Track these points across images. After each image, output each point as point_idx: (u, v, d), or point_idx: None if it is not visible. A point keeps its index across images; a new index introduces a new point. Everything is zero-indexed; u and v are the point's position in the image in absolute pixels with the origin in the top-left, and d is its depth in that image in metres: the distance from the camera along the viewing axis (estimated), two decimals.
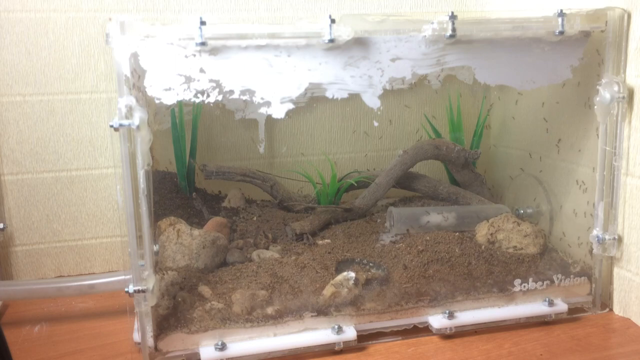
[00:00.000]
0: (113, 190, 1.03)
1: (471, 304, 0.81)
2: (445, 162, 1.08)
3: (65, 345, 0.78)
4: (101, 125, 1.00)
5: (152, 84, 0.69)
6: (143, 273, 0.69)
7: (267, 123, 1.06)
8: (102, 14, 0.98)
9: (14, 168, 0.98)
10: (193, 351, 0.73)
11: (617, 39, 0.81)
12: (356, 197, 1.04)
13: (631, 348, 0.76)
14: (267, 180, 1.03)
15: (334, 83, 0.75)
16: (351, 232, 0.97)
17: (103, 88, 1.00)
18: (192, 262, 0.84)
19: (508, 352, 0.75)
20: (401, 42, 0.76)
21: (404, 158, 1.02)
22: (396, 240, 0.93)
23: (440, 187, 1.06)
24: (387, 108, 1.12)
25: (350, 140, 1.12)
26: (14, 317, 0.88)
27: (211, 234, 0.87)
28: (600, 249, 0.84)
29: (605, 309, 0.86)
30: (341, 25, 0.72)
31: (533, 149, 1.03)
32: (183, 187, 1.01)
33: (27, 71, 0.96)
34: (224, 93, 0.72)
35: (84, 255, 1.04)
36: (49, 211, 1.01)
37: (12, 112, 0.96)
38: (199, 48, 0.70)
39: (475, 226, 0.95)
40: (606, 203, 0.83)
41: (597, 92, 0.81)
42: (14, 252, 1.00)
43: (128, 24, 0.68)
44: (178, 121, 0.97)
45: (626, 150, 0.81)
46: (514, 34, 0.78)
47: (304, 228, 0.96)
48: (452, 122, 1.09)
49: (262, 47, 0.72)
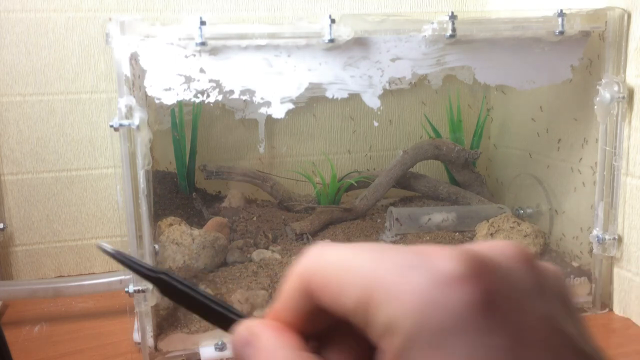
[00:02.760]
0: (113, 190, 1.03)
1: None
2: (445, 162, 1.08)
3: (65, 345, 0.78)
4: (101, 125, 1.00)
5: (152, 84, 0.69)
6: None
7: (267, 123, 1.06)
8: (102, 14, 0.97)
9: (14, 168, 0.98)
10: (193, 351, 0.73)
11: (617, 39, 0.80)
12: (356, 197, 1.04)
13: (631, 348, 0.76)
14: (267, 180, 1.03)
15: (334, 83, 0.75)
16: (351, 232, 0.97)
17: (103, 88, 1.00)
18: (192, 262, 0.84)
19: None
20: (401, 42, 0.76)
21: (404, 158, 1.02)
22: (396, 240, 0.93)
23: (440, 187, 1.06)
24: (386, 108, 1.12)
25: (351, 140, 1.12)
26: (14, 317, 0.88)
27: (211, 234, 0.87)
28: (600, 249, 0.84)
29: (605, 309, 0.86)
30: (341, 25, 0.72)
31: (533, 149, 1.03)
32: (183, 187, 1.01)
33: (27, 71, 0.96)
34: (224, 93, 0.72)
35: (84, 255, 1.04)
36: (49, 211, 1.01)
37: (12, 112, 0.96)
38: (199, 48, 0.70)
39: (475, 226, 0.95)
40: (606, 203, 0.83)
41: (597, 92, 0.81)
42: (14, 252, 1.00)
43: (128, 24, 0.68)
44: (178, 121, 0.97)
45: (626, 150, 0.81)
46: (514, 34, 0.78)
47: (304, 228, 0.96)
48: (452, 122, 1.09)
49: (262, 47, 0.72)
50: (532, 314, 0.20)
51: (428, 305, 0.19)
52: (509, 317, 0.19)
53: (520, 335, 0.19)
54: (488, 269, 0.20)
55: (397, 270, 0.20)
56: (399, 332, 0.19)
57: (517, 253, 0.22)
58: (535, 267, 0.21)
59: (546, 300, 0.21)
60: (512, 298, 0.20)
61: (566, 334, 0.20)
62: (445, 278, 0.19)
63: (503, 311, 0.19)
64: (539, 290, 0.21)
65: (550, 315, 0.20)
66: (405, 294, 0.19)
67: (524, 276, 0.21)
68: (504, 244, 0.22)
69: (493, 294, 0.19)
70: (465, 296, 0.19)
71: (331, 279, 0.21)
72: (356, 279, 0.20)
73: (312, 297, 0.22)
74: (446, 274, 0.19)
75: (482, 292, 0.19)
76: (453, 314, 0.19)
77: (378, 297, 0.20)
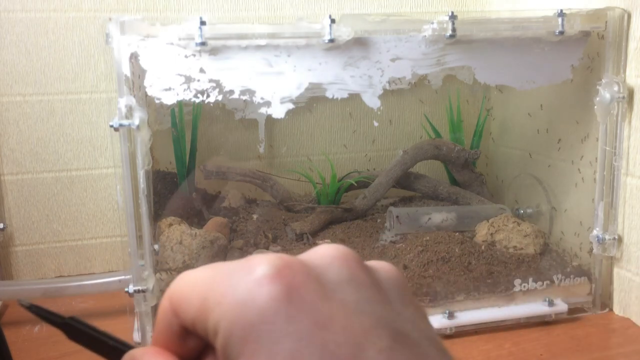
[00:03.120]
0: (113, 190, 1.03)
1: (471, 304, 0.82)
2: (445, 162, 1.08)
3: (65, 345, 0.77)
4: (101, 125, 1.00)
5: (152, 84, 0.69)
6: (143, 273, 0.69)
7: (267, 123, 1.06)
8: (102, 14, 0.97)
9: (14, 168, 0.98)
10: None
11: (617, 39, 0.80)
12: (356, 197, 1.04)
13: (631, 348, 0.76)
14: (267, 180, 1.03)
15: (334, 83, 0.75)
16: (351, 232, 0.97)
17: (103, 88, 1.00)
18: (192, 262, 0.84)
19: (508, 352, 0.75)
20: (401, 42, 0.76)
21: (404, 158, 1.02)
22: (396, 240, 0.93)
23: (440, 187, 1.06)
24: (386, 108, 1.12)
25: (351, 140, 1.12)
26: (14, 317, 0.88)
27: (211, 234, 0.87)
28: (600, 249, 0.84)
29: (605, 309, 0.86)
30: (341, 25, 0.72)
31: (533, 149, 1.03)
32: (183, 187, 1.01)
33: (27, 71, 0.96)
34: (224, 93, 0.72)
35: (84, 255, 1.04)
36: (49, 211, 1.01)
37: (12, 112, 0.96)
38: (199, 48, 0.70)
39: (475, 226, 0.95)
40: (606, 203, 0.83)
41: (597, 92, 0.81)
42: (14, 252, 1.00)
43: (128, 24, 0.68)
44: (178, 121, 0.97)
45: (626, 150, 0.81)
46: (514, 34, 0.78)
47: (304, 228, 0.96)
48: (452, 122, 1.09)
49: (262, 47, 0.72)
50: (339, 302, 0.22)
51: (241, 303, 0.21)
52: (311, 306, 0.21)
53: (322, 320, 0.21)
54: (292, 268, 0.22)
55: (224, 278, 0.23)
56: (220, 331, 0.22)
57: (335, 254, 0.24)
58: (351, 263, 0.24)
59: (359, 290, 0.23)
60: (316, 290, 0.22)
61: (379, 316, 0.22)
62: (256, 278, 0.22)
63: (305, 301, 0.21)
64: (351, 282, 0.23)
65: (360, 300, 0.22)
66: (226, 297, 0.22)
67: (337, 271, 0.23)
68: (326, 247, 0.25)
69: (295, 288, 0.22)
70: (269, 291, 0.21)
71: (182, 294, 0.24)
72: (196, 290, 0.23)
73: (176, 316, 0.24)
74: (257, 274, 0.22)
75: (284, 286, 0.22)
76: (260, 308, 0.21)
77: (209, 303, 0.22)
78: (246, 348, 0.21)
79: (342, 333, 0.21)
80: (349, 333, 0.21)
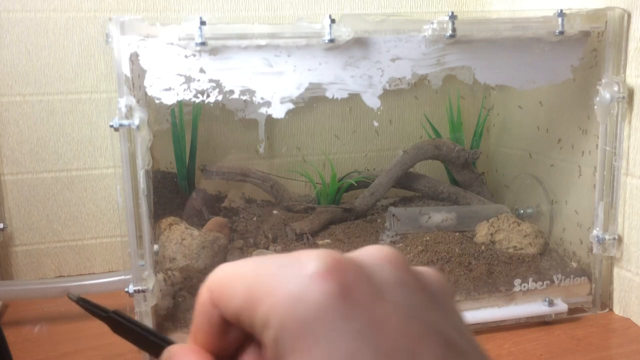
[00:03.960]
0: (113, 190, 1.03)
1: (471, 304, 0.82)
2: (445, 162, 1.08)
3: (65, 345, 0.78)
4: (101, 125, 1.00)
5: (152, 84, 0.69)
6: (143, 273, 0.69)
7: (267, 123, 1.06)
8: (102, 14, 0.98)
9: (14, 168, 0.98)
10: None
11: (617, 39, 0.81)
12: (356, 197, 1.04)
13: (631, 348, 0.76)
14: (267, 180, 1.03)
15: (334, 83, 0.75)
16: (351, 232, 0.97)
17: (103, 88, 1.00)
18: (192, 262, 0.84)
19: (508, 352, 0.75)
20: (401, 42, 0.76)
21: (404, 158, 1.02)
22: (396, 240, 0.93)
23: (440, 187, 1.06)
24: (386, 108, 1.12)
25: (351, 140, 1.12)
26: (14, 317, 0.88)
27: (211, 234, 0.87)
28: (600, 249, 0.84)
29: (605, 309, 0.86)
30: (341, 25, 0.72)
31: (533, 149, 1.03)
32: (183, 187, 1.01)
33: (27, 71, 0.96)
34: (224, 93, 0.72)
35: (84, 255, 1.04)
36: (49, 211, 1.01)
37: (12, 112, 0.96)
38: (199, 48, 0.70)
39: (475, 226, 0.95)
40: (606, 203, 0.83)
41: (597, 92, 0.81)
42: (14, 252, 1.00)
43: (128, 24, 0.68)
44: (178, 121, 0.97)
45: (626, 150, 0.81)
46: (514, 34, 0.78)
47: (304, 228, 0.96)
48: (452, 122, 1.09)
49: (262, 47, 0.72)
50: (392, 304, 0.22)
51: (294, 298, 0.21)
52: (366, 306, 0.21)
53: (377, 321, 0.21)
54: (345, 266, 0.22)
55: (272, 271, 0.23)
56: (272, 324, 0.21)
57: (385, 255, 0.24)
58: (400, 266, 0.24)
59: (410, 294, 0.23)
60: (370, 290, 0.22)
61: (430, 323, 0.22)
62: (308, 274, 0.22)
63: (359, 301, 0.21)
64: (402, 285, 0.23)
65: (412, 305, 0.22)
66: (277, 290, 0.22)
67: (387, 273, 0.23)
68: (375, 248, 0.25)
69: (349, 286, 0.21)
70: (324, 288, 0.21)
71: (225, 286, 0.24)
72: (241, 281, 0.23)
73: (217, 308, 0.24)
74: (309, 270, 0.22)
75: (337, 284, 0.21)
76: (314, 304, 0.21)
77: (258, 296, 0.22)
78: (300, 344, 0.20)
79: (396, 337, 0.20)
80: (403, 338, 0.21)
